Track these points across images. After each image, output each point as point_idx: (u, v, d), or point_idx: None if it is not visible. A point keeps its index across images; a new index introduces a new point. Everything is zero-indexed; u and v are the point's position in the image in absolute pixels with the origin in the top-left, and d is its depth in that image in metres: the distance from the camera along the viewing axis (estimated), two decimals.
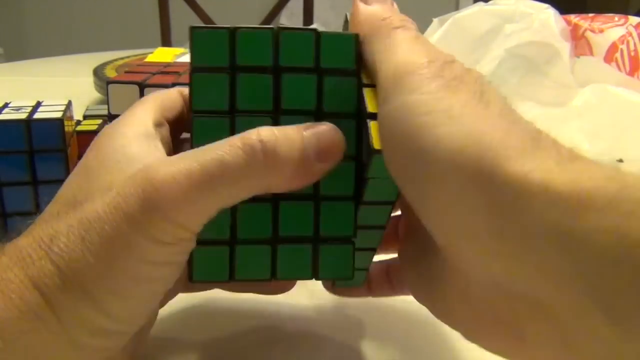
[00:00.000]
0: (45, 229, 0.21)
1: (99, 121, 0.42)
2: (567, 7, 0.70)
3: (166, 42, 1.40)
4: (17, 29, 2.53)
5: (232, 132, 0.23)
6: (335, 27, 0.27)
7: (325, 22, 1.55)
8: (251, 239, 0.23)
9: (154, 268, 0.21)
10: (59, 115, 0.36)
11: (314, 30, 0.23)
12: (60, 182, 0.23)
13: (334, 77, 0.23)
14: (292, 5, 1.62)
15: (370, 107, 0.22)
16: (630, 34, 0.62)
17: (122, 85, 0.35)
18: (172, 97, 0.26)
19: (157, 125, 0.24)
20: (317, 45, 0.23)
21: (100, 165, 0.22)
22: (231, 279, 0.23)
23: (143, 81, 0.36)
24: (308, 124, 0.22)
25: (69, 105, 0.39)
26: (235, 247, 0.23)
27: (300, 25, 1.43)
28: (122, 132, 0.23)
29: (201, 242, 0.22)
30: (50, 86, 0.82)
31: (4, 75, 0.93)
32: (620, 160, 0.50)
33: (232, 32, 0.23)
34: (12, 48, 2.49)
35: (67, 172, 0.36)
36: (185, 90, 0.27)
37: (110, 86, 0.35)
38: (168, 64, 0.43)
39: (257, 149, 0.20)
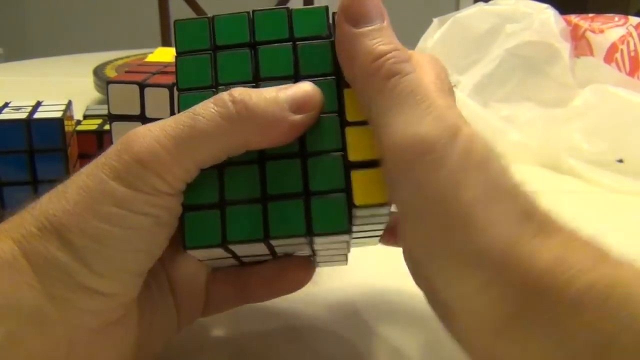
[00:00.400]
0: (37, 201, 0.22)
1: (99, 121, 0.42)
2: (567, 7, 0.70)
3: (166, 42, 1.40)
4: (17, 29, 2.53)
5: None
6: None
7: None
8: (240, 200, 0.23)
9: (131, 215, 0.21)
10: (59, 115, 0.36)
11: (286, 7, 0.25)
12: (60, 182, 0.23)
13: (308, 43, 0.25)
14: (292, 5, 1.62)
15: (350, 115, 0.24)
16: (631, 34, 0.62)
17: (122, 85, 0.35)
18: None
19: None
20: (290, 19, 0.25)
21: None
22: (224, 242, 0.23)
23: (143, 81, 0.36)
24: (284, 85, 0.23)
25: (69, 105, 0.39)
26: (225, 209, 0.23)
27: None
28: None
29: (190, 207, 0.23)
30: (50, 86, 0.82)
31: (4, 75, 0.93)
32: (621, 161, 0.50)
33: (211, 19, 0.25)
34: (12, 48, 2.49)
35: (67, 172, 0.36)
36: None
37: (110, 86, 0.35)
38: (168, 64, 0.43)
39: (228, 103, 0.21)
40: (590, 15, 0.66)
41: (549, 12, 0.60)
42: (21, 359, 0.20)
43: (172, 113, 0.30)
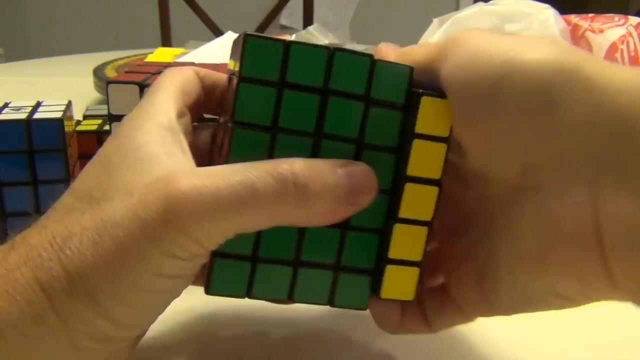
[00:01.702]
0: (58, 227, 0.21)
1: (99, 121, 0.42)
2: (567, 7, 0.70)
3: (166, 42, 1.40)
4: (17, 29, 2.53)
5: (271, 149, 0.22)
6: (335, 27, 0.27)
7: (325, 22, 1.55)
8: (273, 259, 0.23)
9: (164, 281, 0.20)
10: (59, 115, 0.36)
11: (370, 56, 0.23)
12: (60, 182, 0.23)
13: (381, 108, 0.23)
14: (292, 5, 1.62)
15: (403, 211, 0.24)
16: (630, 34, 0.62)
17: (122, 85, 0.35)
18: (191, 81, 0.26)
19: (180, 115, 0.24)
20: (371, 72, 0.23)
21: (121, 161, 0.21)
22: (248, 296, 0.23)
23: (143, 81, 0.36)
24: (343, 160, 0.22)
25: (69, 105, 0.39)
26: (256, 264, 0.23)
27: (301, 23, 1.43)
28: (145, 126, 0.22)
29: (222, 254, 0.22)
30: (50, 86, 0.82)
31: (4, 75, 0.93)
32: None
33: (287, 45, 0.22)
34: (12, 48, 2.49)
35: (67, 172, 0.36)
36: (202, 70, 0.27)
37: (110, 86, 0.35)
38: (168, 64, 0.43)
39: (289, 180, 0.20)
40: (590, 15, 0.66)
41: (549, 12, 0.60)
42: None
43: None
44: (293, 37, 0.70)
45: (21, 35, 2.55)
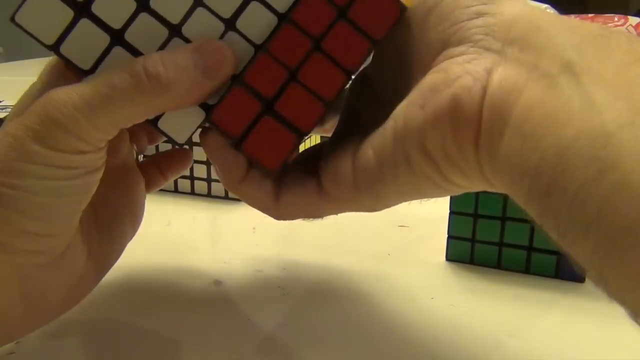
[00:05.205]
0: None
1: None
2: (567, 7, 0.70)
3: None
4: (17, 29, 2.51)
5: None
6: None
7: None
8: None
9: (56, 169, 0.22)
10: None
11: None
12: None
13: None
14: None
15: None
16: (630, 34, 0.61)
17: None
18: None
19: None
20: None
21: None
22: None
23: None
24: (198, 42, 0.23)
25: None
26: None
27: None
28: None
29: None
30: None
31: (4, 75, 0.93)
32: None
33: None
34: (12, 48, 2.49)
35: None
36: None
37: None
38: None
39: (141, 72, 0.22)
40: (590, 15, 0.66)
41: (549, 12, 0.60)
42: None
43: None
44: None
45: (21, 35, 2.54)
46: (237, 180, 0.25)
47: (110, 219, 0.28)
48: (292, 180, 0.25)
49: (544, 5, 0.61)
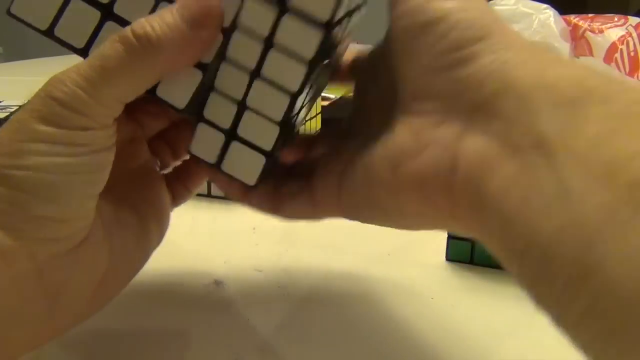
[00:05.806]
0: None
1: None
2: (567, 7, 0.70)
3: None
4: (17, 29, 2.52)
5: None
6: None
7: None
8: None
9: (64, 147, 0.22)
10: None
11: None
12: None
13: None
14: None
15: None
16: (630, 35, 0.62)
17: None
18: None
19: None
20: None
21: None
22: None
23: None
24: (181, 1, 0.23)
25: None
26: None
27: None
28: None
29: None
30: None
31: (4, 75, 0.93)
32: None
33: None
34: (12, 48, 2.49)
35: None
36: None
37: None
38: None
39: (130, 37, 0.22)
40: (590, 15, 0.66)
41: (549, 13, 0.60)
42: None
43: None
44: None
45: (21, 35, 2.55)
46: (238, 197, 0.27)
47: (134, 223, 0.27)
48: (289, 191, 0.27)
49: (544, 6, 0.61)
